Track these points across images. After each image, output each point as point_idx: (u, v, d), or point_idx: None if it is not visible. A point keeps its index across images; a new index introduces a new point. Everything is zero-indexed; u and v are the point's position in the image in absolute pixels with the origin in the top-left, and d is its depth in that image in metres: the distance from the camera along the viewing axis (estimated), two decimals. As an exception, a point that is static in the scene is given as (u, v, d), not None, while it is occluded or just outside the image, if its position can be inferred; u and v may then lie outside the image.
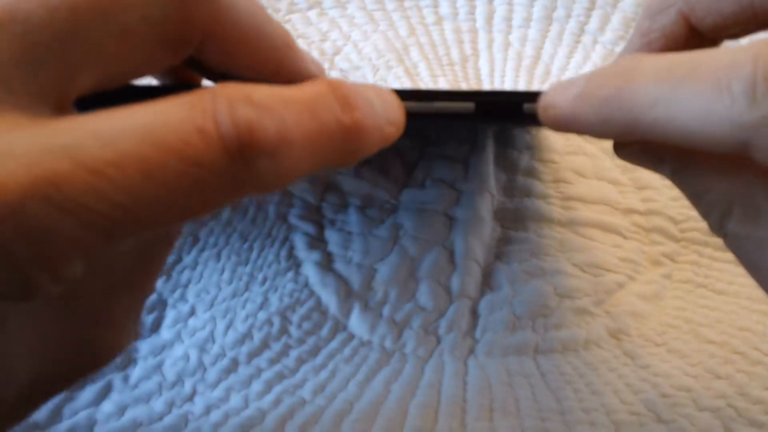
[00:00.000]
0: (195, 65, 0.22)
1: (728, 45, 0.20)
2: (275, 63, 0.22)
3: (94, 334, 0.19)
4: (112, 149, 0.14)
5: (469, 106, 0.22)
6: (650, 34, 0.22)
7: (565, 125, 0.20)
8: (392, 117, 0.19)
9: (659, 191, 0.34)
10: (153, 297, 0.31)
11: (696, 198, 0.20)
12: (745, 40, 0.21)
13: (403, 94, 0.21)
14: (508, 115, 0.22)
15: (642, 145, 0.21)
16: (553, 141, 0.36)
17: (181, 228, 0.22)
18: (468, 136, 0.36)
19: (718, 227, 0.19)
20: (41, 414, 0.26)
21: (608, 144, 0.22)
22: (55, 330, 0.18)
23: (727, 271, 0.31)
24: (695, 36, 0.22)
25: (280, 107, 0.16)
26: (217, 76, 0.22)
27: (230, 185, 0.15)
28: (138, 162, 0.14)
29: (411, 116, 0.21)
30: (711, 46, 0.22)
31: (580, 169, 0.35)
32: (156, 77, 0.24)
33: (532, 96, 0.21)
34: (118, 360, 0.28)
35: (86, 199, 0.14)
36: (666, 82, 0.17)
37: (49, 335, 0.18)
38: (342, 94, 0.17)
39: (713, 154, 0.19)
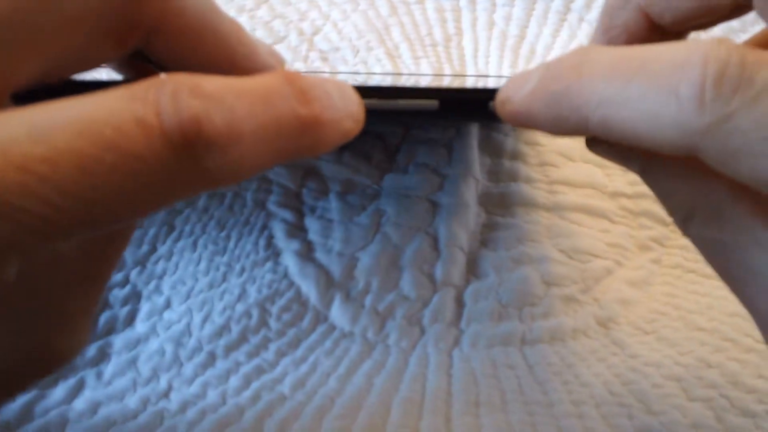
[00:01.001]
0: (151, 60, 0.21)
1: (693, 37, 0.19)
2: (227, 58, 0.20)
3: (44, 335, 0.18)
4: (44, 144, 0.13)
5: (433, 103, 0.21)
6: (611, 30, 0.22)
7: (520, 121, 0.19)
8: (352, 111, 0.18)
9: (648, 174, 0.33)
10: (127, 289, 0.30)
11: (661, 198, 0.19)
12: (717, 29, 0.20)
13: (364, 91, 0.20)
14: (472, 112, 0.21)
15: (610, 145, 0.20)
16: (539, 123, 0.35)
17: (135, 224, 0.21)
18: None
19: (683, 228, 0.19)
20: (12, 413, 0.25)
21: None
22: (0, 330, 0.17)
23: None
24: (657, 30, 0.21)
25: (231, 98, 0.15)
26: (171, 71, 0.21)
27: (177, 181, 0.14)
28: (72, 158, 0.13)
29: (373, 114, 0.20)
30: (676, 39, 0.21)
31: (567, 152, 0.34)
32: (115, 72, 0.23)
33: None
34: (91, 355, 0.27)
35: (16, 198, 0.13)
36: (614, 80, 0.16)
37: None
38: (299, 86, 0.16)
39: (675, 157, 0.18)
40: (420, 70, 0.37)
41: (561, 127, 0.18)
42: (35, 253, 0.14)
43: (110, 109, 0.14)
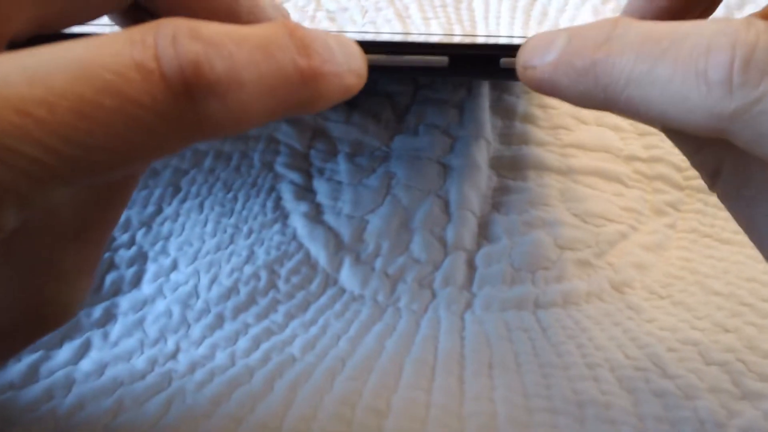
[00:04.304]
0: (151, 12, 0.20)
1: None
2: (229, 10, 0.20)
3: (41, 292, 0.18)
4: (41, 87, 0.13)
5: (443, 60, 0.20)
6: None
7: (544, 91, 0.18)
8: (354, 66, 0.17)
9: (662, 137, 0.33)
10: (133, 250, 0.29)
11: (687, 155, 0.19)
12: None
13: (371, 46, 0.19)
14: (484, 69, 0.21)
15: None
16: (552, 85, 0.34)
17: (138, 176, 0.21)
18: (463, 79, 0.34)
19: (710, 184, 0.19)
20: (17, 373, 0.25)
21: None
22: None
23: (733, 220, 0.29)
24: None
25: (231, 45, 0.14)
26: None
27: (176, 128, 0.14)
28: (70, 101, 0.13)
29: (380, 70, 0.19)
30: None
31: (580, 115, 0.33)
32: (115, 24, 0.22)
33: (510, 49, 0.20)
34: (97, 316, 0.27)
35: (13, 142, 0.12)
36: (642, 60, 0.16)
37: None
38: (299, 36, 0.15)
39: None
40: (430, 31, 0.37)
41: (587, 103, 0.17)
42: (32, 201, 0.13)
43: (109, 53, 0.13)
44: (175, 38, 0.14)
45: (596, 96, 0.17)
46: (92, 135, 0.13)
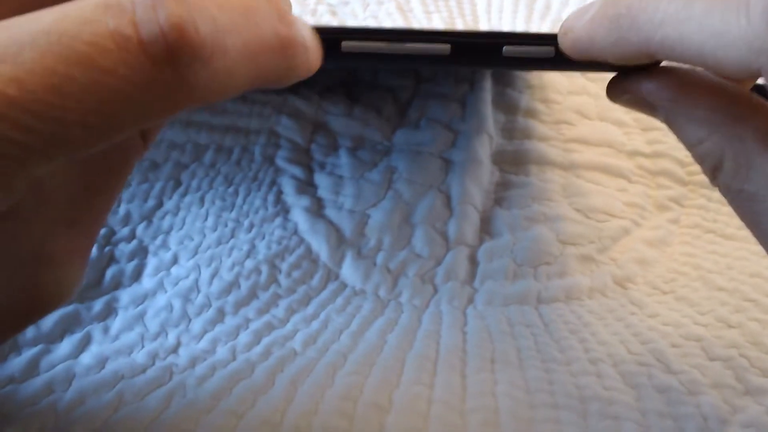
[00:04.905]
0: None
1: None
2: None
3: (34, 278, 0.18)
4: (11, 63, 0.12)
5: (444, 48, 0.20)
6: None
7: (582, 50, 0.18)
8: (311, 46, 0.17)
9: (666, 132, 0.32)
10: (133, 244, 0.29)
11: (689, 147, 0.19)
12: None
13: (373, 34, 0.19)
14: (486, 58, 0.21)
15: (635, 94, 0.20)
16: (555, 80, 0.34)
17: (132, 162, 0.20)
18: (465, 73, 0.34)
19: (711, 178, 0.19)
20: (17, 367, 0.25)
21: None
22: None
23: (736, 215, 0.29)
24: None
25: (213, 8, 0.14)
26: None
27: (158, 97, 0.13)
28: (42, 77, 0.12)
29: (381, 58, 0.19)
30: None
31: (583, 110, 0.33)
32: None
33: (513, 38, 0.20)
34: (97, 310, 0.27)
35: None
36: None
37: None
38: (276, 2, 0.15)
39: (707, 105, 0.18)
40: (431, 25, 0.36)
41: (623, 51, 0.17)
42: (15, 182, 0.13)
43: (81, 21, 0.13)
44: (154, 1, 0.13)
45: (631, 40, 0.17)
46: (67, 110, 0.12)
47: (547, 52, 0.20)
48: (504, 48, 0.20)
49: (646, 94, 0.19)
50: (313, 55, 0.17)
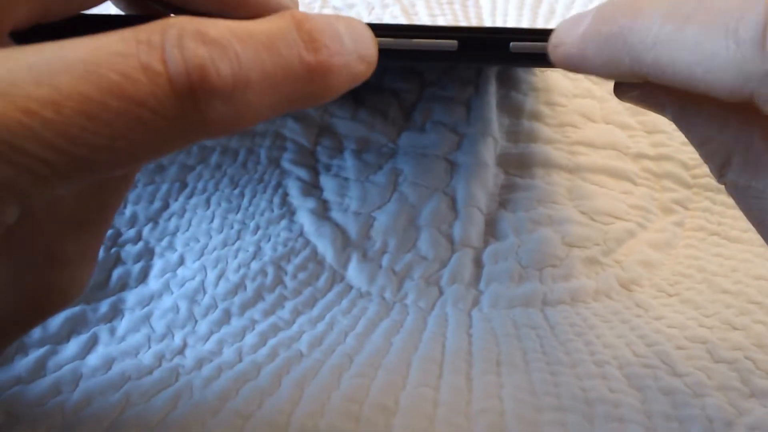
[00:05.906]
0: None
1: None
2: None
3: (43, 278, 0.18)
4: (48, 87, 0.13)
5: (452, 43, 0.20)
6: None
7: (573, 65, 0.18)
8: (364, 53, 0.17)
9: (671, 135, 0.32)
10: (139, 245, 0.29)
11: (697, 145, 0.19)
12: None
13: (380, 29, 0.19)
14: (494, 54, 0.21)
15: (642, 91, 0.20)
16: (560, 83, 0.34)
17: (132, 177, 0.21)
18: (470, 76, 0.34)
19: (718, 175, 0.19)
20: (24, 367, 0.25)
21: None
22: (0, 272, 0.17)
23: (741, 218, 0.29)
24: None
25: (237, 44, 0.14)
26: (177, 11, 0.20)
27: (180, 129, 0.14)
28: (76, 101, 0.13)
29: (388, 54, 0.19)
30: None
31: (588, 113, 0.33)
32: (120, 10, 0.22)
33: (520, 33, 0.20)
34: (104, 311, 0.27)
35: (19, 141, 0.12)
36: (670, 20, 0.15)
37: None
38: (307, 29, 0.15)
39: (715, 102, 0.18)
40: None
41: (614, 69, 0.17)
42: (33, 198, 0.13)
43: (115, 53, 0.13)
44: (180, 40, 0.14)
45: (622, 61, 0.17)
46: (97, 135, 0.13)
47: None
48: (511, 44, 0.20)
49: (653, 92, 0.19)
50: (358, 67, 0.17)
